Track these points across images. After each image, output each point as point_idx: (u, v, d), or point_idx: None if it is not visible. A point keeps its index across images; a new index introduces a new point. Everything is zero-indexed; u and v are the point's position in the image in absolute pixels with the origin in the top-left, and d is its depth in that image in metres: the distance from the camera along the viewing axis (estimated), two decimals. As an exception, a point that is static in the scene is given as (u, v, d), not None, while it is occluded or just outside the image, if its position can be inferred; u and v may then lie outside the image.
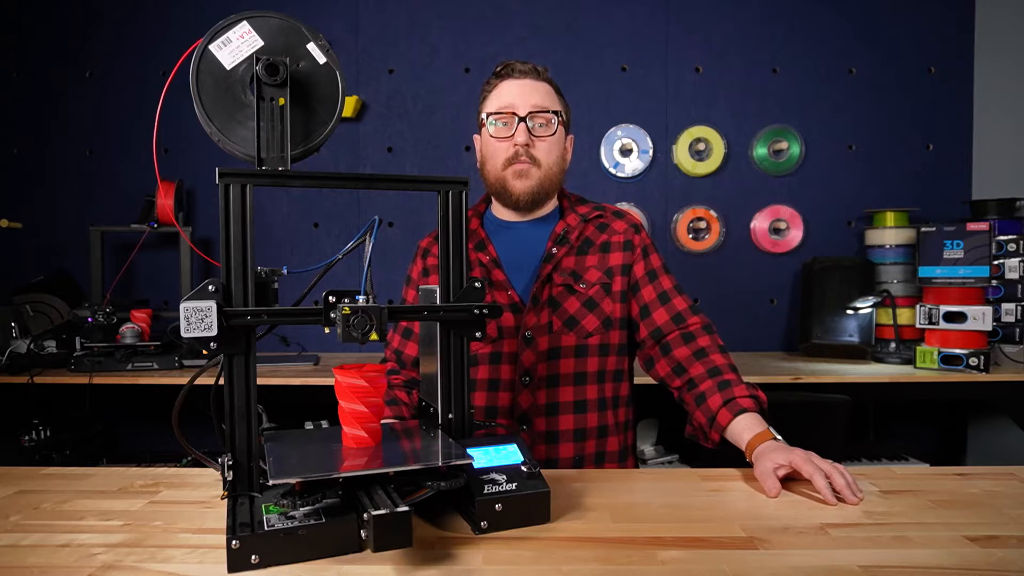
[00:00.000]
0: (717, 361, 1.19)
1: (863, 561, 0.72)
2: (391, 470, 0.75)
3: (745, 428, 1.07)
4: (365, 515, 0.69)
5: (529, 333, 1.25)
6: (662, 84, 2.68)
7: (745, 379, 1.16)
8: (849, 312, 2.38)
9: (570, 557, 0.74)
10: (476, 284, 0.91)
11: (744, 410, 1.09)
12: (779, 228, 2.66)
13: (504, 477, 0.83)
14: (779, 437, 1.03)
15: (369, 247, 0.82)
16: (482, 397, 1.26)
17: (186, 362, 2.22)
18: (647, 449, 2.38)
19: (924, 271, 2.17)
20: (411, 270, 1.41)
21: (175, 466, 1.66)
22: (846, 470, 0.93)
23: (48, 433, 2.12)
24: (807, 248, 2.65)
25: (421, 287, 1.00)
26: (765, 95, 2.66)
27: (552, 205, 1.37)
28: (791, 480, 0.96)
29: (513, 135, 1.26)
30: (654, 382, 1.30)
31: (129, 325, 2.21)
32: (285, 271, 0.86)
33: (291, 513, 0.73)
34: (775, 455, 0.97)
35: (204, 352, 0.76)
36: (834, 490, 0.91)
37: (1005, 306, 2.21)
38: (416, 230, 2.66)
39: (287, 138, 0.83)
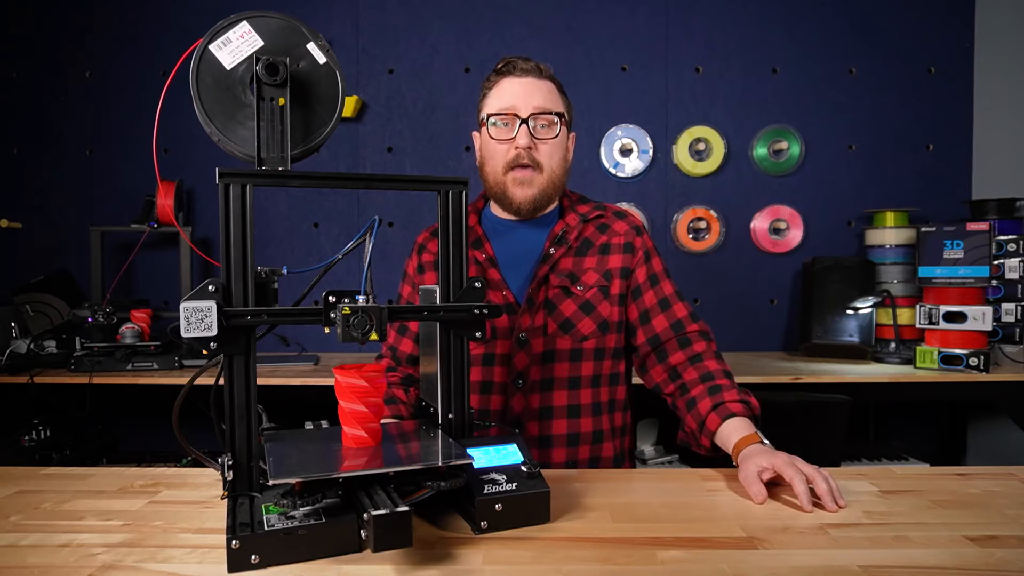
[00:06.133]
0: (711, 367, 1.18)
1: (863, 561, 0.72)
2: (391, 470, 0.75)
3: (733, 431, 1.06)
4: (365, 515, 0.69)
5: (523, 335, 1.23)
6: (662, 84, 2.68)
7: (744, 380, 1.15)
8: (849, 312, 2.38)
9: (570, 557, 0.74)
10: (476, 284, 0.91)
11: (733, 414, 1.08)
12: (779, 228, 2.66)
13: (504, 477, 0.83)
14: (766, 441, 1.02)
15: (369, 247, 0.82)
16: (474, 400, 1.23)
17: (186, 362, 2.22)
18: (647, 449, 2.38)
19: (924, 271, 2.17)
20: (407, 265, 1.40)
21: (175, 466, 1.67)
22: (831, 476, 0.91)
23: (48, 433, 2.12)
24: (807, 248, 2.65)
25: (421, 287, 1.00)
26: (765, 95, 2.66)
27: (552, 205, 1.34)
28: (778, 485, 0.95)
29: (514, 138, 1.23)
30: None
31: (129, 325, 2.21)
32: (285, 271, 0.86)
33: (291, 513, 0.73)
34: (759, 458, 0.95)
35: (204, 352, 0.76)
36: (816, 496, 0.89)
37: (1005, 306, 2.20)
38: (416, 230, 2.65)
39: (287, 138, 0.83)
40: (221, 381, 0.80)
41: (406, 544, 0.68)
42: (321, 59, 0.86)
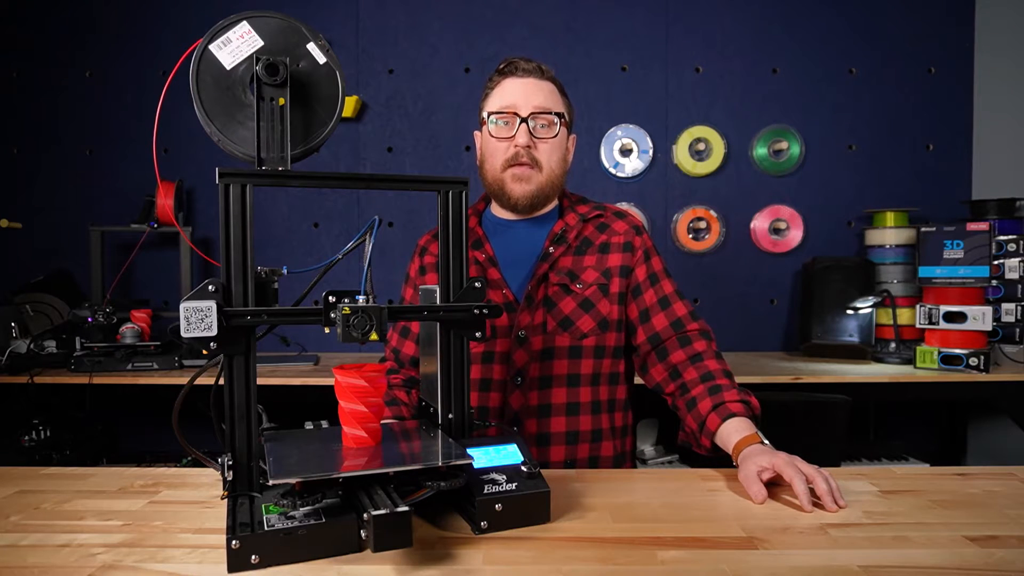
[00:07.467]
0: (711, 366, 1.18)
1: (863, 561, 0.72)
2: (391, 470, 0.75)
3: (733, 431, 1.06)
4: (365, 515, 0.69)
5: (523, 332, 1.24)
6: (662, 84, 2.68)
7: (744, 380, 1.15)
8: (849, 312, 2.38)
9: (570, 557, 0.74)
10: (476, 284, 0.91)
11: (733, 415, 1.08)
12: (779, 228, 2.66)
13: (504, 477, 0.83)
14: (766, 441, 1.02)
15: (369, 247, 0.82)
16: (473, 397, 1.24)
17: (186, 362, 2.22)
18: (647, 449, 2.38)
19: (924, 271, 2.17)
20: (409, 268, 1.41)
21: (175, 466, 1.67)
22: (831, 476, 0.91)
23: (48, 433, 2.12)
24: (807, 248, 2.65)
25: (421, 287, 1.00)
26: (765, 95, 2.66)
27: (552, 204, 1.35)
28: (778, 485, 0.95)
29: (514, 136, 1.24)
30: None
31: (129, 325, 2.21)
32: (285, 271, 0.86)
33: (291, 513, 0.73)
34: (759, 458, 0.95)
35: (204, 352, 0.76)
36: (816, 496, 0.89)
37: (1005, 306, 2.20)
38: (416, 230, 2.66)
39: (287, 138, 0.83)
40: (221, 381, 0.80)
41: (406, 544, 0.68)
42: (321, 59, 0.86)
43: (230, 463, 0.78)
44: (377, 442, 0.83)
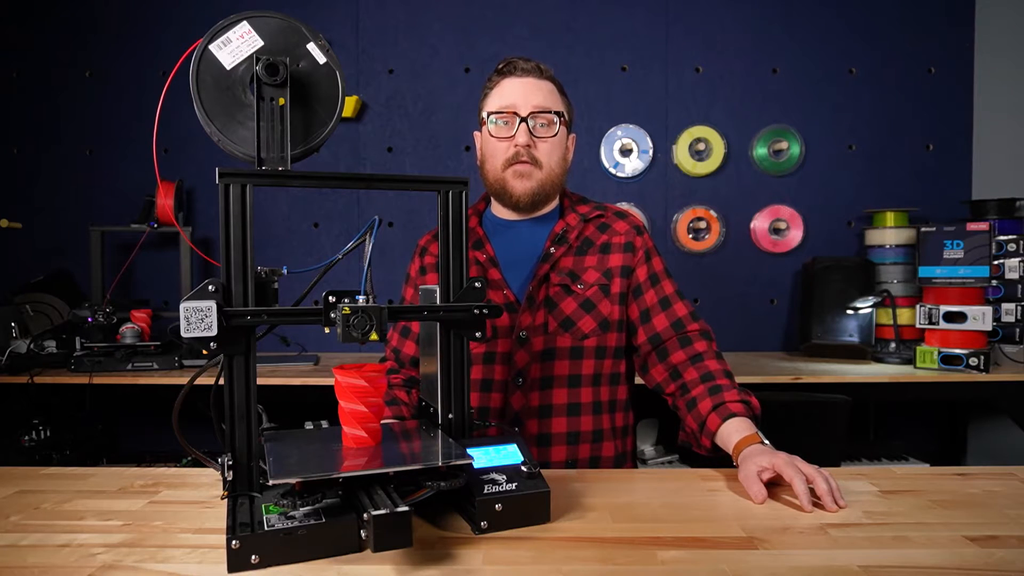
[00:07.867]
0: (711, 367, 1.18)
1: (863, 561, 0.72)
2: (391, 470, 0.75)
3: (733, 431, 1.06)
4: (365, 515, 0.69)
5: (524, 333, 1.24)
6: (662, 84, 2.68)
7: (744, 380, 1.15)
8: (849, 312, 2.38)
9: (570, 557, 0.74)
10: (476, 284, 0.91)
11: (733, 415, 1.08)
12: (779, 228, 2.66)
13: (504, 477, 0.83)
14: (766, 441, 1.02)
15: (369, 247, 0.82)
16: (474, 398, 1.24)
17: (186, 362, 2.22)
18: (647, 449, 2.38)
19: (924, 271, 2.17)
20: (410, 268, 1.41)
21: (175, 466, 1.67)
22: (831, 476, 0.91)
23: (48, 433, 2.12)
24: (807, 248, 2.65)
25: (421, 287, 1.00)
26: (765, 95, 2.66)
27: (552, 204, 1.35)
28: (778, 485, 0.95)
29: (514, 135, 1.24)
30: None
31: (129, 325, 2.21)
32: (285, 271, 0.86)
33: (291, 513, 0.73)
34: (759, 459, 0.95)
35: (204, 352, 0.76)
36: (816, 496, 0.89)
37: (1005, 306, 2.20)
38: (416, 230, 2.67)
39: (287, 138, 0.83)
40: (221, 381, 0.80)
41: (406, 544, 0.68)
42: (321, 59, 0.86)
43: (230, 463, 0.78)
44: (377, 442, 0.83)
